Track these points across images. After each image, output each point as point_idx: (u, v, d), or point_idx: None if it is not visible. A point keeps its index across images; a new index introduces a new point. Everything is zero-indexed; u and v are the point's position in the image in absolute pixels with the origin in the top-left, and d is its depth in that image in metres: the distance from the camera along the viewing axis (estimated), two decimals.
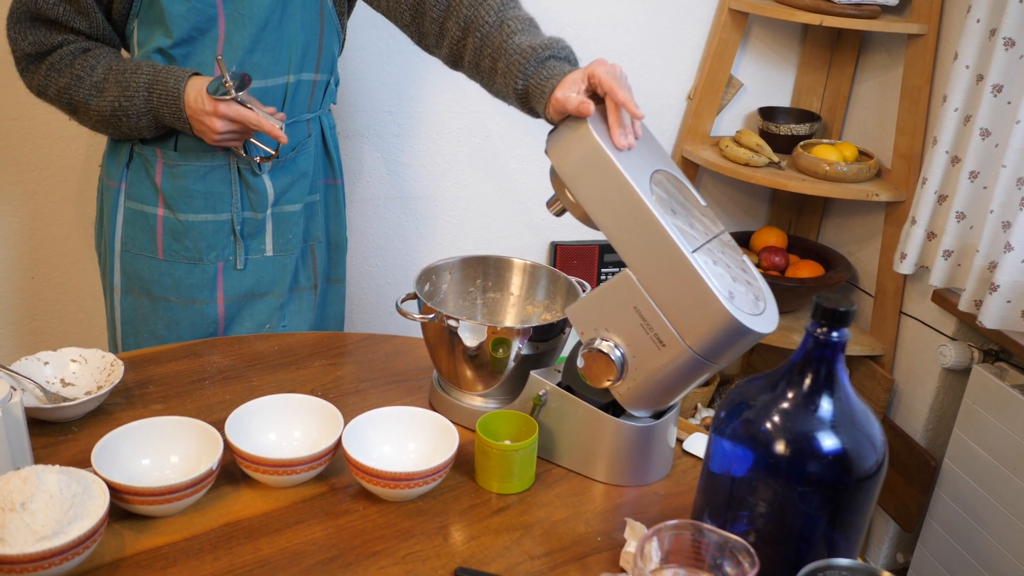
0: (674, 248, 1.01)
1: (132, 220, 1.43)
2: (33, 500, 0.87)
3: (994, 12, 1.66)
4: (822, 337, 0.90)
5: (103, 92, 1.32)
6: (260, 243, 1.47)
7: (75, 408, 1.13)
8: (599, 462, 1.15)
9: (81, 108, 1.34)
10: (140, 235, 1.43)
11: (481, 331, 1.17)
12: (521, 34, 1.20)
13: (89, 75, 1.32)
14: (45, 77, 1.34)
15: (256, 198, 1.43)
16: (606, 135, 1.06)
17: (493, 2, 1.26)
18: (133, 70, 1.31)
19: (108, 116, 1.33)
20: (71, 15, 1.31)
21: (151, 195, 1.41)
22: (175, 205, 1.41)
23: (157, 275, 1.44)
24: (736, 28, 2.10)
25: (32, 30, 1.32)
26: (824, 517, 0.92)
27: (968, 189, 1.73)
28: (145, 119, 1.32)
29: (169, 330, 1.45)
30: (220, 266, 1.44)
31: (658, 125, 2.22)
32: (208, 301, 1.45)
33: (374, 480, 1.03)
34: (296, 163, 1.47)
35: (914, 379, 2.05)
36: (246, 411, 1.11)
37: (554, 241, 2.25)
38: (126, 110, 1.31)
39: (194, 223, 1.41)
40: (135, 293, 1.45)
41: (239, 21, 1.32)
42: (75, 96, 1.33)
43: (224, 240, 1.43)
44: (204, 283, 1.44)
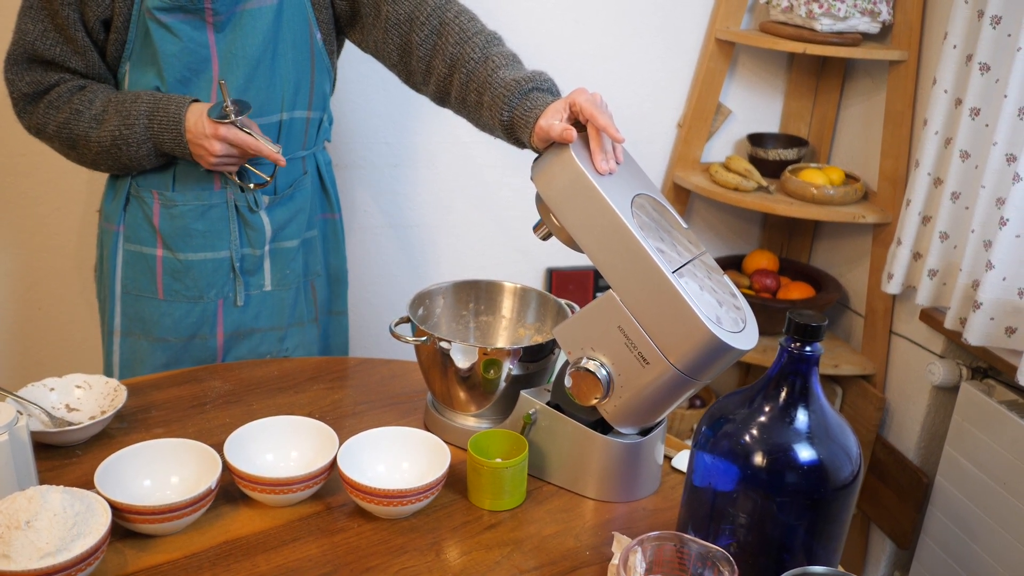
0: (655, 269, 1.05)
1: (132, 262, 1.45)
2: (38, 518, 0.90)
3: (969, 38, 1.71)
4: (796, 351, 0.94)
5: (103, 123, 1.34)
6: (259, 279, 1.49)
7: (79, 432, 1.16)
8: (588, 479, 1.18)
9: (81, 142, 1.36)
10: (140, 277, 1.45)
11: (472, 353, 1.21)
12: (505, 68, 1.26)
13: (88, 108, 1.35)
14: (44, 115, 1.37)
15: (254, 235, 1.46)
16: (588, 161, 1.10)
17: (478, 40, 1.31)
18: (133, 99, 1.34)
19: (108, 147, 1.35)
20: (68, 55, 1.34)
21: (150, 236, 1.43)
22: (174, 245, 1.43)
23: (157, 316, 1.45)
24: (723, 57, 2.15)
25: (29, 71, 1.35)
26: (803, 527, 0.95)
27: (950, 210, 1.77)
28: (145, 147, 1.34)
29: (168, 367, 1.47)
30: (220, 303, 1.47)
31: (649, 152, 2.27)
32: (208, 336, 1.48)
33: (368, 498, 1.06)
34: (293, 199, 1.49)
35: (905, 397, 2.08)
36: (244, 433, 1.14)
37: (549, 267, 2.29)
38: (127, 139, 1.33)
39: (194, 262, 1.43)
40: (134, 335, 1.47)
41: (232, 61, 1.35)
42: (75, 130, 1.35)
43: (223, 277, 1.46)
44: (204, 320, 1.47)
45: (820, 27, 1.95)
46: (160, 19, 1.30)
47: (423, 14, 1.34)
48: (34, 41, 1.33)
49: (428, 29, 1.34)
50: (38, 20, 1.32)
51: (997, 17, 1.62)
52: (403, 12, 1.35)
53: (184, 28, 1.31)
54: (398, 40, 1.38)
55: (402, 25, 1.36)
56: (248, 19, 1.34)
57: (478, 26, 1.34)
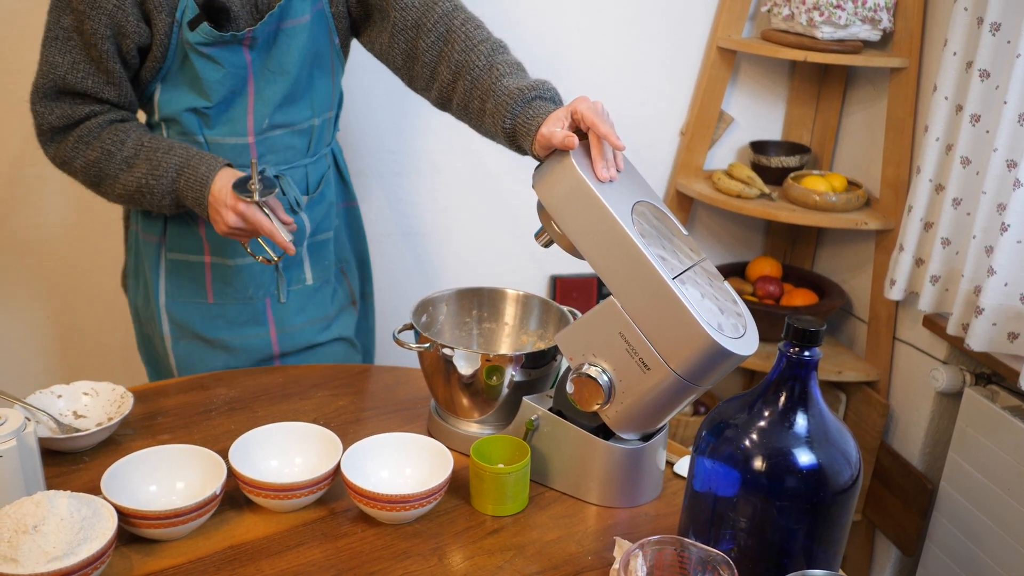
0: (655, 275, 1.06)
1: (176, 271, 1.47)
2: (45, 523, 0.91)
3: (969, 45, 1.72)
4: (795, 356, 0.94)
5: (132, 168, 1.33)
6: (300, 274, 1.53)
7: (86, 439, 1.18)
8: (591, 484, 1.19)
9: (107, 181, 1.36)
10: (186, 284, 1.47)
11: (475, 359, 1.22)
12: (509, 77, 1.27)
13: (119, 150, 1.34)
14: (72, 149, 1.35)
15: (296, 234, 1.48)
16: (589, 169, 1.12)
17: (483, 48, 1.32)
18: (166, 150, 1.33)
19: (133, 191, 1.34)
20: (101, 86, 1.32)
21: (195, 245, 1.45)
22: (222, 252, 1.45)
23: (209, 318, 1.49)
24: (725, 65, 2.16)
25: (59, 104, 1.33)
26: (803, 531, 0.96)
27: (952, 216, 1.77)
28: (168, 199, 1.34)
29: (228, 364, 1.51)
30: (268, 301, 1.51)
31: (652, 160, 2.28)
32: (262, 333, 1.51)
33: (372, 503, 1.07)
34: (324, 195, 1.54)
35: (909, 404, 2.08)
36: (249, 439, 1.15)
37: (553, 275, 2.30)
38: (152, 188, 1.33)
39: (243, 266, 1.47)
40: (187, 338, 1.49)
41: (269, 77, 1.38)
42: (104, 170, 1.35)
43: (269, 277, 1.49)
44: (255, 318, 1.51)
45: (821, 35, 1.96)
46: (201, 51, 1.31)
47: (430, 20, 1.36)
48: (64, 74, 1.30)
49: (435, 36, 1.36)
50: (67, 52, 1.29)
51: (996, 24, 1.63)
52: (411, 18, 1.37)
53: (224, 55, 1.32)
54: (404, 45, 1.39)
55: (409, 31, 1.38)
56: (284, 37, 1.36)
57: (484, 34, 1.35)
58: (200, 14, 1.29)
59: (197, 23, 1.29)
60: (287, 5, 1.34)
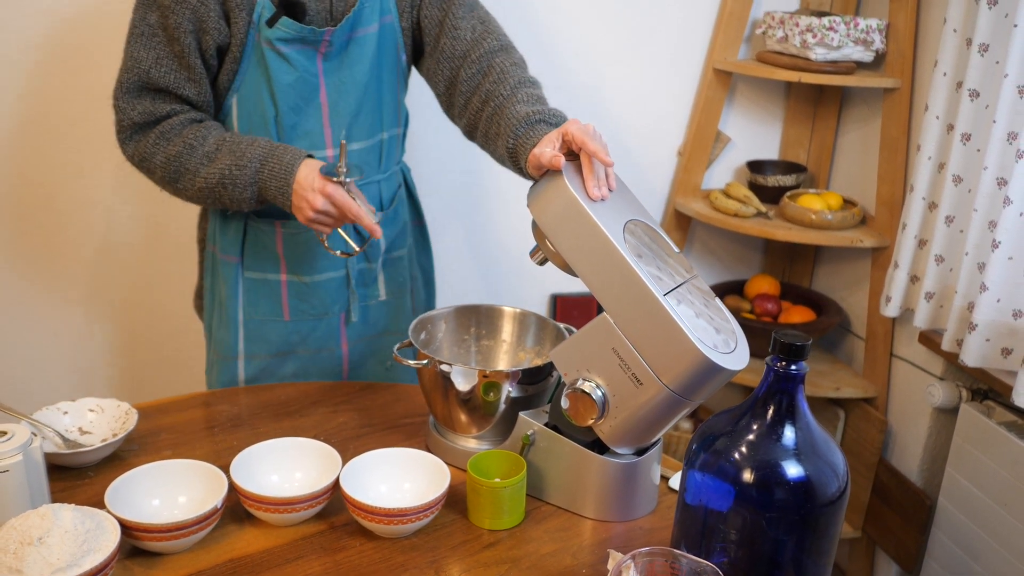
0: (647, 292, 1.08)
1: (254, 289, 1.50)
2: (50, 535, 0.93)
3: (959, 66, 1.75)
4: (782, 370, 0.96)
5: (214, 161, 1.35)
6: (374, 290, 1.57)
7: (91, 454, 1.20)
8: (586, 498, 1.21)
9: (187, 176, 1.37)
10: (263, 301, 1.51)
11: (472, 375, 1.24)
12: (523, 104, 1.32)
13: (201, 144, 1.36)
14: (153, 145, 1.37)
15: (370, 250, 1.54)
16: (581, 188, 1.14)
17: (512, 80, 1.37)
18: (249, 142, 1.35)
19: (214, 185, 1.35)
20: (182, 82, 1.35)
21: (272, 264, 1.49)
22: (298, 269, 1.49)
23: (284, 335, 1.52)
24: (721, 86, 2.20)
25: (141, 100, 1.36)
26: (792, 542, 0.97)
27: (945, 233, 1.79)
28: (249, 191, 1.35)
29: (297, 378, 1.54)
30: (342, 316, 1.54)
31: (650, 179, 2.31)
32: (335, 348, 1.55)
33: (370, 517, 1.09)
34: (398, 212, 1.58)
35: (907, 420, 2.09)
36: (250, 454, 1.17)
37: (553, 293, 2.32)
38: (235, 179, 1.34)
39: (319, 283, 1.50)
40: (260, 357, 1.53)
41: (341, 88, 1.41)
42: (185, 164, 1.36)
43: (344, 293, 1.53)
44: (330, 333, 1.54)
45: (814, 56, 1.99)
46: (279, 48, 1.35)
47: (476, 53, 1.42)
48: (148, 69, 1.33)
49: (476, 68, 1.42)
50: (151, 47, 1.33)
51: (985, 45, 1.66)
52: (460, 49, 1.43)
53: (299, 58, 1.36)
54: (448, 72, 1.45)
55: (456, 59, 1.43)
56: (355, 47, 1.40)
57: (519, 71, 1.40)
58: (277, 11, 1.32)
59: (275, 20, 1.32)
60: (359, 13, 1.38)
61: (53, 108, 1.86)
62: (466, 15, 1.44)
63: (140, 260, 2.02)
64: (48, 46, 1.82)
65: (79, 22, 1.81)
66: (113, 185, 1.95)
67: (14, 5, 1.77)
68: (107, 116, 1.41)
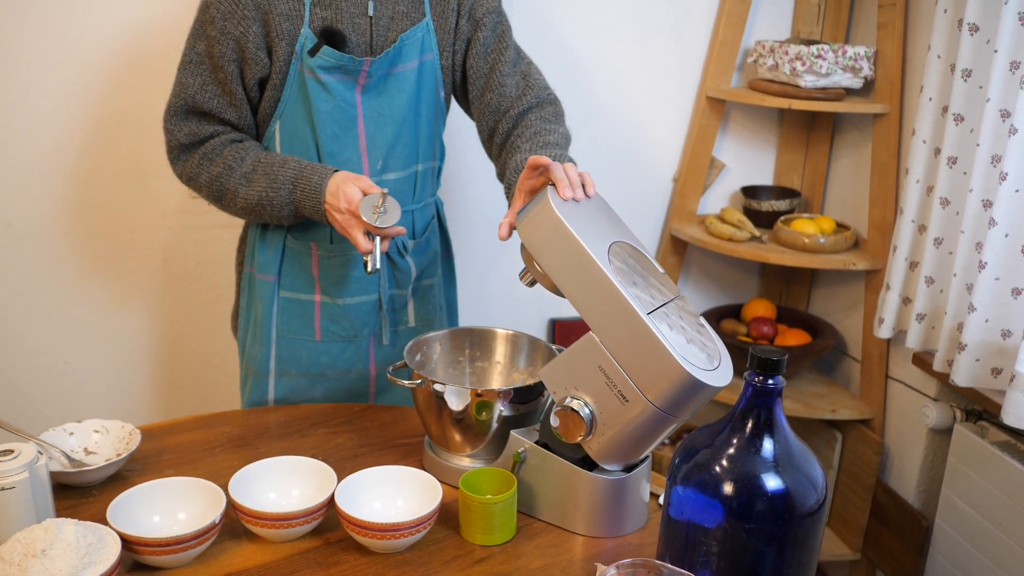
0: (630, 311, 1.12)
1: (288, 308, 1.56)
2: (53, 547, 0.97)
3: (944, 91, 1.79)
4: (759, 385, 0.99)
5: (252, 182, 1.44)
6: (404, 316, 1.63)
7: (94, 473, 1.24)
8: (576, 514, 1.23)
9: (228, 195, 1.46)
10: (296, 321, 1.56)
11: (465, 395, 1.27)
12: (527, 153, 1.39)
13: (239, 165, 1.45)
14: (198, 166, 1.47)
15: (401, 277, 1.59)
16: (567, 211, 1.18)
17: (531, 129, 1.45)
18: (281, 164, 1.44)
19: (254, 205, 1.45)
20: (224, 107, 1.45)
21: (307, 284, 1.55)
22: (332, 291, 1.55)
23: (315, 355, 1.57)
24: (715, 114, 2.25)
25: (187, 122, 1.46)
26: (772, 553, 1.00)
27: (934, 255, 1.82)
28: (287, 209, 1.44)
29: (325, 398, 1.60)
30: (371, 340, 1.60)
31: (647, 206, 2.35)
32: (363, 371, 1.61)
33: (364, 532, 1.12)
34: (429, 242, 1.64)
35: (904, 441, 2.11)
36: (249, 472, 1.21)
37: (552, 318, 2.36)
38: (272, 200, 1.43)
39: (351, 305, 1.56)
40: (290, 375, 1.58)
41: (379, 120, 1.48)
42: (225, 184, 1.46)
43: (375, 317, 1.58)
44: (358, 357, 1.59)
45: (804, 83, 2.04)
46: (319, 76, 1.42)
47: (514, 110, 1.51)
48: (194, 94, 1.44)
49: (511, 123, 1.51)
50: (198, 74, 1.43)
51: (968, 71, 1.70)
52: (503, 105, 1.52)
53: (338, 87, 1.43)
54: (490, 124, 1.54)
55: (498, 114, 1.53)
56: (394, 81, 1.47)
57: (543, 124, 1.47)
58: (319, 41, 1.40)
59: (317, 49, 1.40)
60: (399, 49, 1.45)
61: (124, 116, 1.94)
62: (511, 72, 1.53)
63: (190, 276, 2.10)
64: (114, 62, 1.90)
65: (148, 33, 1.90)
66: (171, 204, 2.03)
67: (87, 14, 1.85)
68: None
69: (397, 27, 1.46)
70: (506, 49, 1.54)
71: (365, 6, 1.44)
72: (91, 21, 1.85)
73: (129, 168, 1.96)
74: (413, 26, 1.47)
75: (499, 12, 1.55)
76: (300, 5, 1.40)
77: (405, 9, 1.47)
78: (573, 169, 1.24)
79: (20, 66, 1.84)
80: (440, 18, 1.50)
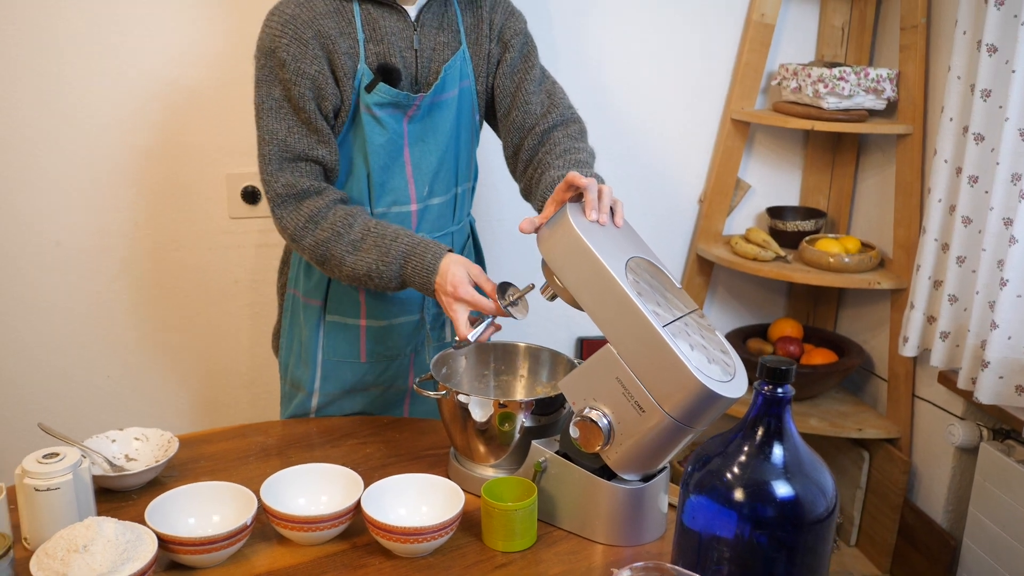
0: (646, 324, 1.15)
1: (334, 332, 1.61)
2: (94, 543, 1.02)
3: (964, 111, 1.81)
4: (769, 394, 1.02)
5: (359, 251, 1.42)
6: (442, 333, 1.68)
7: (134, 478, 1.30)
8: (596, 523, 1.26)
9: (333, 261, 1.44)
10: (343, 345, 1.61)
11: (488, 405, 1.31)
12: (558, 170, 1.43)
13: (347, 232, 1.43)
14: (303, 228, 1.45)
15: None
16: (586, 228, 1.23)
17: (559, 147, 1.49)
18: (393, 237, 1.42)
19: (362, 275, 1.43)
20: (314, 145, 1.45)
21: (354, 308, 1.59)
22: (378, 314, 1.59)
23: (359, 375, 1.63)
24: (739, 136, 2.28)
25: (282, 171, 1.45)
26: (783, 559, 1.02)
27: (957, 273, 1.84)
28: (396, 282, 1.43)
29: (364, 411, 1.65)
30: (412, 356, 1.65)
31: (673, 226, 2.38)
32: (402, 386, 1.66)
33: (388, 536, 1.17)
34: None
35: (931, 460, 2.10)
36: (279, 478, 1.26)
37: (580, 336, 2.40)
38: (381, 273, 1.42)
39: (394, 325, 1.61)
40: (334, 392, 1.64)
41: (423, 147, 1.53)
42: (331, 250, 1.43)
43: (417, 336, 1.64)
44: (399, 373, 1.65)
45: (827, 105, 2.07)
46: (375, 112, 1.47)
47: (539, 128, 1.55)
48: (284, 138, 1.44)
49: (537, 140, 1.54)
50: (282, 118, 1.44)
51: (987, 91, 1.72)
52: (528, 122, 1.56)
53: (390, 120, 1.48)
54: (515, 141, 1.58)
55: (523, 132, 1.56)
56: (437, 110, 1.52)
57: (570, 142, 1.51)
58: (376, 77, 1.45)
59: (373, 86, 1.45)
60: (444, 80, 1.50)
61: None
62: (536, 90, 1.57)
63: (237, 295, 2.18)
64: (157, 89, 1.99)
65: (188, 62, 1.98)
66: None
67: (130, 43, 1.94)
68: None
69: (439, 58, 1.51)
70: (532, 68, 1.58)
71: (411, 39, 1.48)
72: (134, 49, 1.94)
73: (170, 191, 2.04)
74: (453, 55, 1.52)
75: (526, 34, 1.60)
76: (356, 43, 1.45)
77: (445, 40, 1.51)
78: (608, 195, 1.27)
79: (69, 94, 1.93)
80: (475, 45, 1.55)
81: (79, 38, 1.91)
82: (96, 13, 1.90)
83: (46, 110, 1.93)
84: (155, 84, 1.97)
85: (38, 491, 1.12)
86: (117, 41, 1.93)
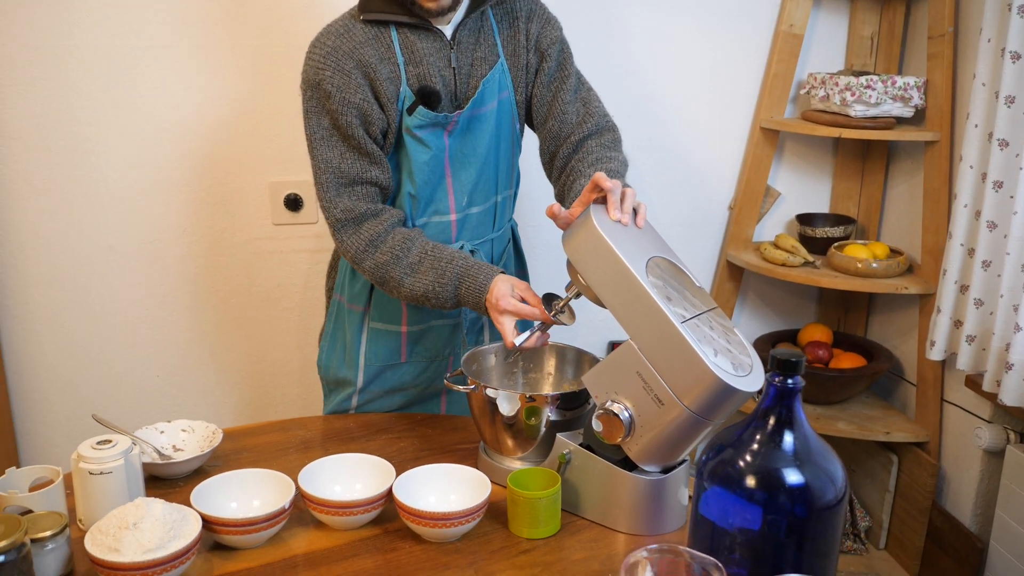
0: (665, 320, 1.20)
1: (377, 337, 1.68)
2: (143, 521, 1.10)
3: (989, 117, 1.83)
4: (780, 384, 1.07)
5: (417, 273, 1.49)
6: (479, 337, 1.73)
7: (180, 466, 1.38)
8: (617, 512, 1.31)
9: (392, 283, 1.51)
10: (383, 349, 1.68)
11: (515, 400, 1.37)
12: (588, 178, 1.47)
13: (405, 255, 1.50)
14: (364, 251, 1.51)
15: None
16: (609, 228, 1.28)
17: (592, 155, 1.54)
18: (448, 259, 1.48)
19: (419, 296, 1.50)
20: (367, 167, 1.50)
21: (396, 315, 1.66)
22: (418, 319, 1.66)
23: (399, 375, 1.70)
24: (769, 144, 2.32)
25: (339, 197, 1.50)
26: (792, 544, 1.06)
27: (983, 278, 1.85)
28: (451, 302, 1.50)
29: (403, 410, 1.72)
30: (450, 358, 1.71)
31: (703, 233, 2.42)
32: (438, 387, 1.72)
33: (418, 520, 1.23)
34: (506, 267, 1.74)
35: (959, 464, 2.11)
36: (317, 467, 1.33)
37: (611, 340, 2.44)
38: (437, 294, 1.49)
39: (433, 327, 1.68)
40: (374, 392, 1.71)
41: (462, 159, 1.58)
42: (390, 272, 1.50)
43: (456, 338, 1.70)
44: (437, 374, 1.71)
45: (854, 113, 2.10)
46: (416, 134, 1.53)
47: (574, 136, 1.59)
48: (338, 164, 1.49)
49: (571, 148, 1.59)
50: (334, 146, 1.49)
51: (1011, 97, 1.75)
52: (564, 131, 1.60)
53: (431, 138, 1.54)
54: (551, 149, 1.63)
55: (559, 140, 1.61)
56: (476, 123, 1.57)
57: (603, 151, 1.56)
58: (416, 100, 1.51)
59: (415, 108, 1.51)
60: (482, 94, 1.55)
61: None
62: (572, 100, 1.61)
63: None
64: (204, 105, 2.09)
65: (233, 84, 2.08)
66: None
67: (179, 64, 2.04)
68: None
69: (477, 73, 1.55)
70: (568, 77, 1.61)
71: (448, 58, 1.53)
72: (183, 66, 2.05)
73: (216, 200, 2.14)
74: (491, 69, 1.56)
75: (562, 40, 1.63)
76: (397, 67, 1.50)
77: (483, 54, 1.56)
78: (631, 197, 1.32)
79: (124, 108, 2.04)
80: (512, 57, 1.59)
81: (134, 58, 2.01)
82: (150, 37, 2.01)
83: (102, 126, 2.04)
84: (202, 97, 2.07)
85: (92, 475, 1.20)
86: (168, 64, 2.03)
